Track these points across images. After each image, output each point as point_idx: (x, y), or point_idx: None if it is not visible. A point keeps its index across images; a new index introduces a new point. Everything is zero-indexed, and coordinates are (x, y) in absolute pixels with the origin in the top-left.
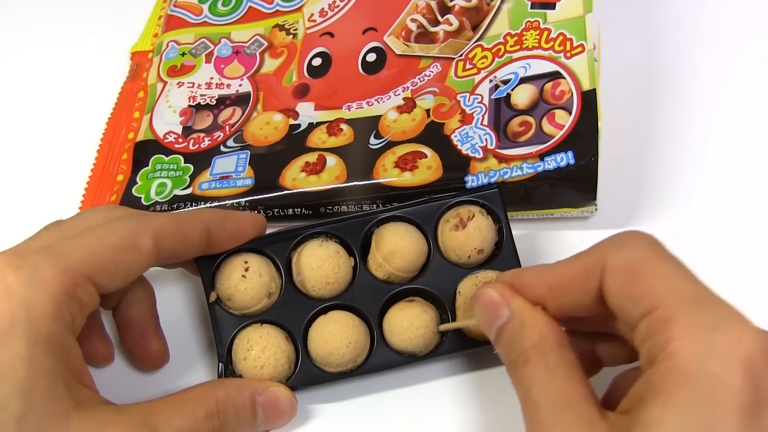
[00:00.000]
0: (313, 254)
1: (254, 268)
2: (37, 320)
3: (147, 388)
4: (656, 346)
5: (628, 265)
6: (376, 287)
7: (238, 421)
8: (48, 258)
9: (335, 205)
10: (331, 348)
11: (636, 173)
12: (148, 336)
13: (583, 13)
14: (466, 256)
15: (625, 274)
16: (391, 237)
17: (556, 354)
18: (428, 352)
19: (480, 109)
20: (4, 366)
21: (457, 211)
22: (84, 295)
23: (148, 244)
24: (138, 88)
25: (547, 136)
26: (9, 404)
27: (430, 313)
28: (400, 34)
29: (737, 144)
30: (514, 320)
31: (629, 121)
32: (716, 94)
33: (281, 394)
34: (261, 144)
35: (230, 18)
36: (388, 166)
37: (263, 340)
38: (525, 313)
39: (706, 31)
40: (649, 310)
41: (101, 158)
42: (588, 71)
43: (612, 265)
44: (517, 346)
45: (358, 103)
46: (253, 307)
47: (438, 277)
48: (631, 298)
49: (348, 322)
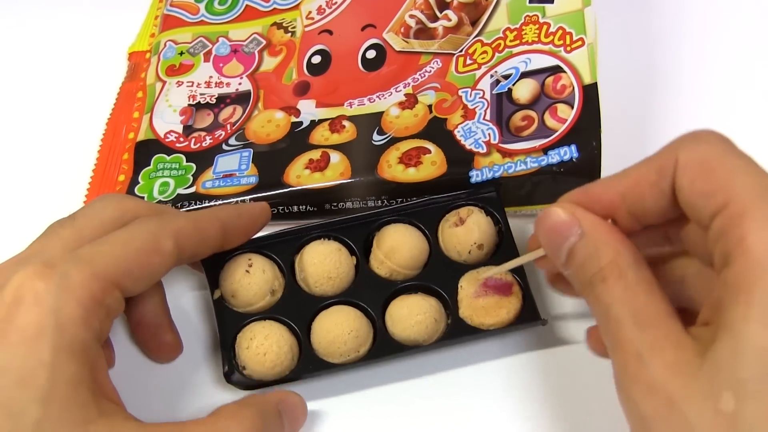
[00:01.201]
0: (315, 250)
1: (258, 265)
2: (65, 326)
3: (147, 387)
4: (730, 244)
5: (701, 160)
6: (379, 284)
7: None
8: (76, 265)
9: (340, 202)
10: (333, 336)
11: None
12: (161, 329)
13: (581, 7)
14: (466, 252)
15: (697, 169)
16: (391, 234)
17: (634, 271)
18: (432, 341)
19: (482, 105)
20: (26, 372)
21: (457, 211)
22: (111, 300)
23: (170, 247)
24: (137, 88)
25: (549, 130)
26: (27, 411)
27: (431, 301)
28: (399, 30)
29: (738, 135)
30: (587, 238)
31: (630, 115)
32: (717, 86)
33: (297, 399)
34: (263, 142)
35: (227, 17)
36: (392, 162)
37: (266, 329)
38: (599, 229)
39: (706, 22)
40: (721, 206)
41: (102, 159)
42: (588, 65)
43: (684, 161)
44: (593, 264)
45: (360, 100)
46: (256, 303)
47: (440, 274)
48: (703, 194)
49: (350, 313)
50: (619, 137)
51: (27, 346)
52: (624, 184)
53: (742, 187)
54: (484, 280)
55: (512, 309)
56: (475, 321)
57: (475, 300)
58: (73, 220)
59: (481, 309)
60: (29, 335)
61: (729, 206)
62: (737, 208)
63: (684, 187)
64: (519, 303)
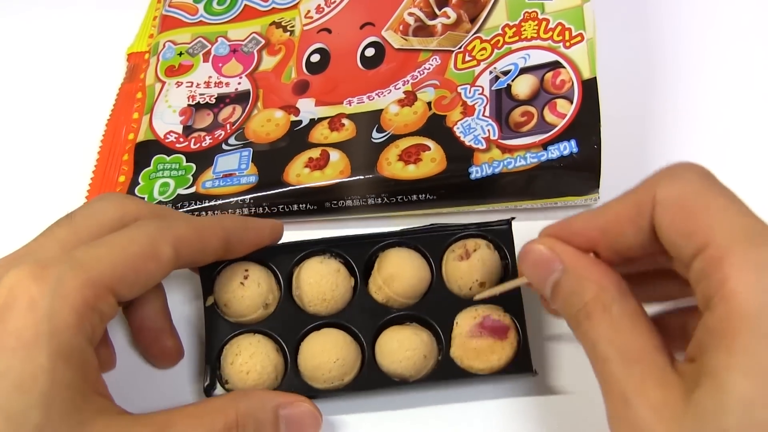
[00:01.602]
0: (313, 269)
1: (254, 277)
2: (59, 332)
3: (130, 391)
4: (711, 288)
5: (679, 198)
6: (374, 309)
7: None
8: (71, 269)
9: (340, 200)
10: (318, 362)
11: (636, 161)
12: (163, 334)
13: (581, 3)
14: (467, 288)
15: (676, 208)
16: (393, 260)
17: (619, 305)
18: (420, 377)
19: (481, 101)
20: (26, 378)
21: (464, 242)
22: (105, 306)
23: (168, 253)
24: (136, 89)
25: (549, 125)
26: (29, 416)
27: (423, 337)
28: (398, 28)
29: (738, 129)
30: (569, 273)
31: (628, 109)
32: (716, 80)
33: (306, 408)
34: (263, 141)
35: (226, 17)
36: (391, 159)
37: (252, 347)
38: (581, 264)
39: (705, 16)
40: (701, 247)
41: (102, 160)
42: (588, 60)
43: (662, 199)
44: (577, 300)
45: (359, 98)
46: (248, 315)
47: (438, 306)
48: (683, 234)
49: (339, 339)
50: (619, 132)
51: (25, 352)
52: (603, 220)
53: (721, 229)
54: (482, 319)
55: (504, 356)
56: (464, 363)
57: (468, 340)
58: (71, 220)
59: (472, 351)
60: (25, 340)
61: (709, 248)
62: (717, 251)
63: (663, 226)
64: (512, 350)
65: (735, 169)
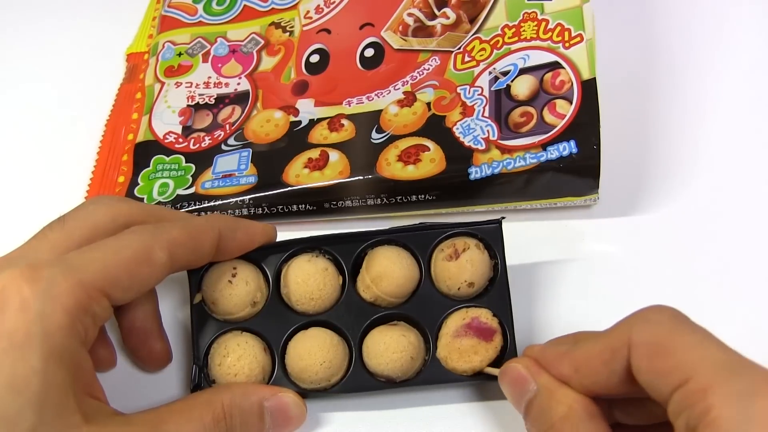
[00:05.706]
0: (300, 268)
1: (242, 275)
2: (51, 334)
3: (122, 392)
4: (695, 417)
5: (655, 340)
6: (362, 308)
7: (245, 426)
8: (64, 272)
9: (339, 201)
10: (305, 364)
11: (636, 162)
12: (152, 337)
13: (580, 3)
14: (456, 288)
15: (652, 349)
16: (381, 260)
17: (586, 426)
18: (406, 378)
19: (480, 101)
20: (19, 379)
21: (453, 241)
22: (98, 308)
23: (162, 257)
24: (135, 89)
25: (548, 126)
26: (22, 418)
27: (410, 338)
28: (398, 28)
29: (738, 130)
30: (541, 393)
31: (628, 110)
32: (716, 81)
33: (290, 399)
34: (262, 141)
35: (225, 17)
36: (391, 159)
37: (240, 348)
38: (552, 386)
39: (704, 16)
40: (681, 382)
41: (101, 160)
42: (587, 60)
43: (637, 342)
44: (546, 419)
45: (358, 99)
46: (236, 313)
47: (426, 306)
48: (661, 374)
49: (326, 341)
50: (618, 132)
51: (17, 353)
52: (577, 359)
53: (702, 362)
54: (470, 320)
55: (486, 358)
56: (449, 365)
57: (453, 339)
58: (63, 223)
59: (456, 351)
60: (17, 342)
61: (690, 382)
62: (700, 383)
63: (641, 367)
64: (495, 353)
65: (735, 169)
